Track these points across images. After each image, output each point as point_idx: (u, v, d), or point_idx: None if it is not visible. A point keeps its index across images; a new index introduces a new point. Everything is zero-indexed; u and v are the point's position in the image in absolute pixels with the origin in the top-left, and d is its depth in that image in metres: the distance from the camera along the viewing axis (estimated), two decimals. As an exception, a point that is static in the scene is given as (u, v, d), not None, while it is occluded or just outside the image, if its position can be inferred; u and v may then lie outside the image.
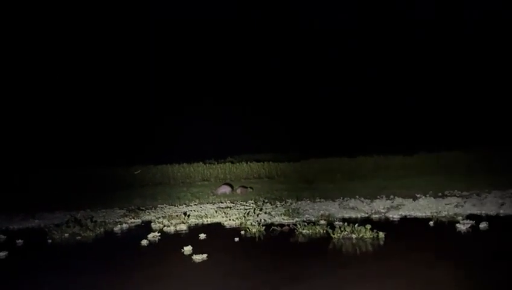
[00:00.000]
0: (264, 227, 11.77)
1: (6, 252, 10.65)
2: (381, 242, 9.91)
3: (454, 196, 14.38)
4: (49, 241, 11.96)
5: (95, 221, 13.43)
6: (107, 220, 13.75)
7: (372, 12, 31.33)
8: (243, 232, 11.51)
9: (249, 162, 22.19)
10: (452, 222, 11.26)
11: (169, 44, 32.45)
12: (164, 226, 12.68)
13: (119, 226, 13.14)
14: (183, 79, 32.56)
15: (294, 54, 32.89)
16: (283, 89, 32.54)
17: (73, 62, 30.28)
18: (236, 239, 10.82)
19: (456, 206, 12.86)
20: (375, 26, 31.60)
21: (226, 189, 17.84)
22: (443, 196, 14.35)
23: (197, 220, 13.24)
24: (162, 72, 32.65)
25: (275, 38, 32.92)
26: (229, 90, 32.00)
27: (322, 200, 14.97)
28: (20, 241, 11.85)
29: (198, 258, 9.34)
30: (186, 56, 32.87)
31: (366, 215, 12.72)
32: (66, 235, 12.36)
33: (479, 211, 12.26)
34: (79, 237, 12.18)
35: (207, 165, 22.60)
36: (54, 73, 29.81)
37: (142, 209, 15.29)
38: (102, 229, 12.79)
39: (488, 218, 11.44)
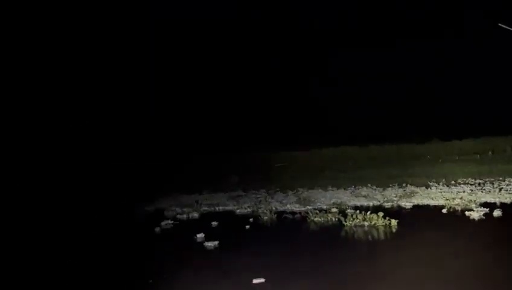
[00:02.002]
0: (275, 215, 11.82)
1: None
2: (394, 230, 9.88)
3: (468, 184, 14.23)
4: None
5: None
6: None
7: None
8: (244, 219, 11.60)
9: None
10: (465, 210, 11.16)
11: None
12: (177, 214, 12.84)
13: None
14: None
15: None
16: (291, 78, 32.36)
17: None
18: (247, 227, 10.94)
19: (470, 194, 12.74)
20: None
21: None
22: (456, 184, 14.21)
23: (209, 209, 13.37)
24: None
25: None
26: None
27: (333, 188, 14.94)
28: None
29: (210, 245, 9.46)
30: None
31: (378, 203, 12.67)
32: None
33: (493, 199, 12.12)
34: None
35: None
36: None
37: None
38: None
39: (502, 205, 11.31)
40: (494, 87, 28.91)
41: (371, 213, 10.51)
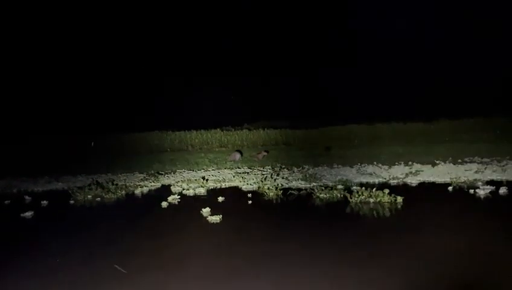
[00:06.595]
0: (281, 191, 11.90)
1: (32, 212, 11.05)
2: (399, 206, 9.94)
3: (475, 162, 14.16)
4: (72, 202, 12.33)
5: (116, 184, 13.75)
6: (127, 184, 14.05)
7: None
8: (250, 195, 11.70)
9: (265, 129, 22.17)
10: (471, 188, 11.17)
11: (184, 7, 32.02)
12: (183, 189, 12.93)
13: (139, 189, 13.44)
14: (196, 45, 32.29)
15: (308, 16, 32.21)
16: (298, 54, 32.06)
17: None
18: (250, 202, 11.05)
19: (476, 172, 12.71)
20: None
21: (235, 156, 17.76)
22: (463, 162, 14.16)
23: (215, 184, 13.45)
24: (175, 38, 32.41)
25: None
26: (243, 56, 31.69)
27: (339, 166, 14.94)
28: (44, 202, 12.25)
29: (214, 219, 9.59)
30: (198, 21, 32.51)
31: (384, 180, 12.68)
32: (89, 197, 12.72)
33: (499, 177, 12.10)
34: (100, 199, 12.52)
35: (224, 132, 22.68)
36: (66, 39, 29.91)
37: (162, 174, 15.56)
38: (123, 192, 13.11)
39: (508, 183, 11.30)
40: (502, 65, 28.50)
41: (376, 190, 10.55)
